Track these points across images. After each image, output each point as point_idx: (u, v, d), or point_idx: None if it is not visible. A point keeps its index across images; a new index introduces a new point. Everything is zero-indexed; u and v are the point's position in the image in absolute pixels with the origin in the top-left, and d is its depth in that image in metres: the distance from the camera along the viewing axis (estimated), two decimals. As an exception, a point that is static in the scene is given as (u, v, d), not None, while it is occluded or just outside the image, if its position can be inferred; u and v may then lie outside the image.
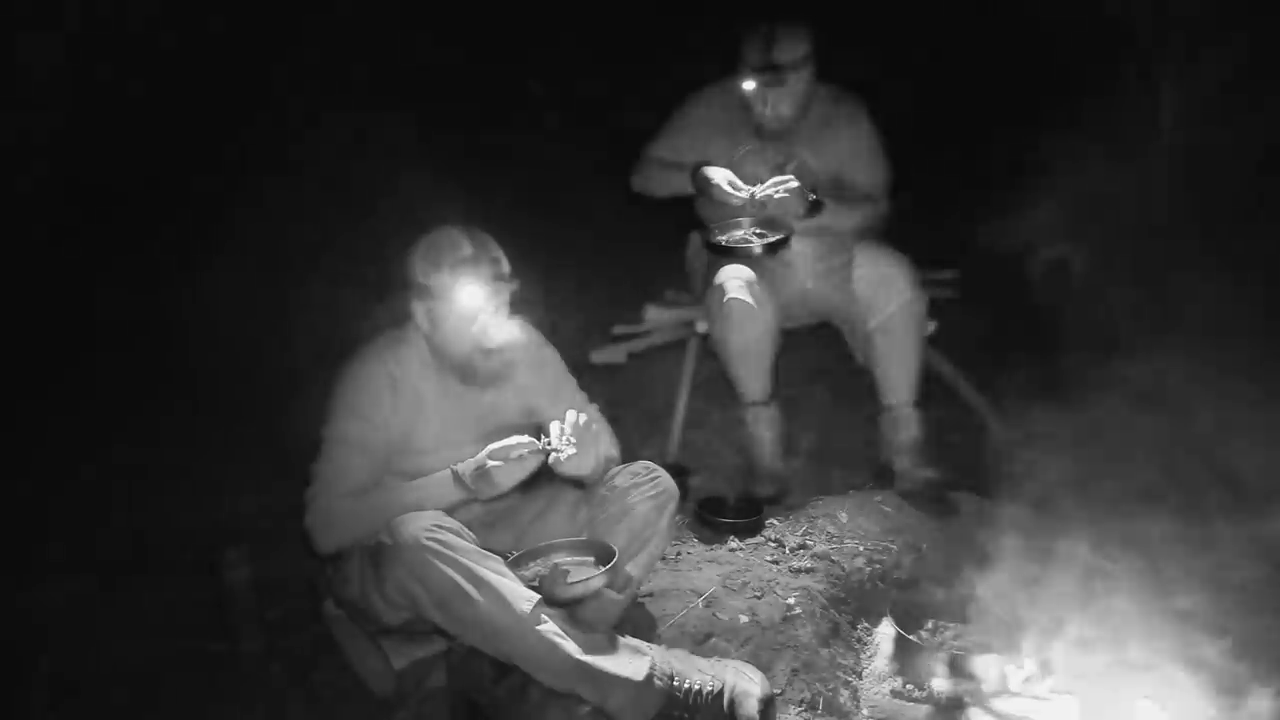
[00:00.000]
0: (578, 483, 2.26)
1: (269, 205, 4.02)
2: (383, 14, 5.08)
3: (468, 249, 2.13)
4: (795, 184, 2.86)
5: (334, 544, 2.11)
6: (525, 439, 2.10)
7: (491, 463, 2.05)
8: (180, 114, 4.55)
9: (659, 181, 3.13)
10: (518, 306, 2.27)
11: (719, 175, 2.93)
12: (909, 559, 2.72)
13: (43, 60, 4.02)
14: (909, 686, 2.21)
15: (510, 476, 2.06)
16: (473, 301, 2.12)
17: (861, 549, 2.72)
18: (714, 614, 2.36)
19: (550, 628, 1.93)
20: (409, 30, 5.19)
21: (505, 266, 2.18)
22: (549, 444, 2.10)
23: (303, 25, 4.78)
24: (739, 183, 2.92)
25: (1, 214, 3.93)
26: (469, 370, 2.21)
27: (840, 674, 2.26)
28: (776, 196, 2.86)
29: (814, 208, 2.93)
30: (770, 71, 2.90)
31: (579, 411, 2.18)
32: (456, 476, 2.09)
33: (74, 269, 4.15)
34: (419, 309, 2.18)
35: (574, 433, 2.11)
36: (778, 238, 2.97)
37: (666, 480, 2.29)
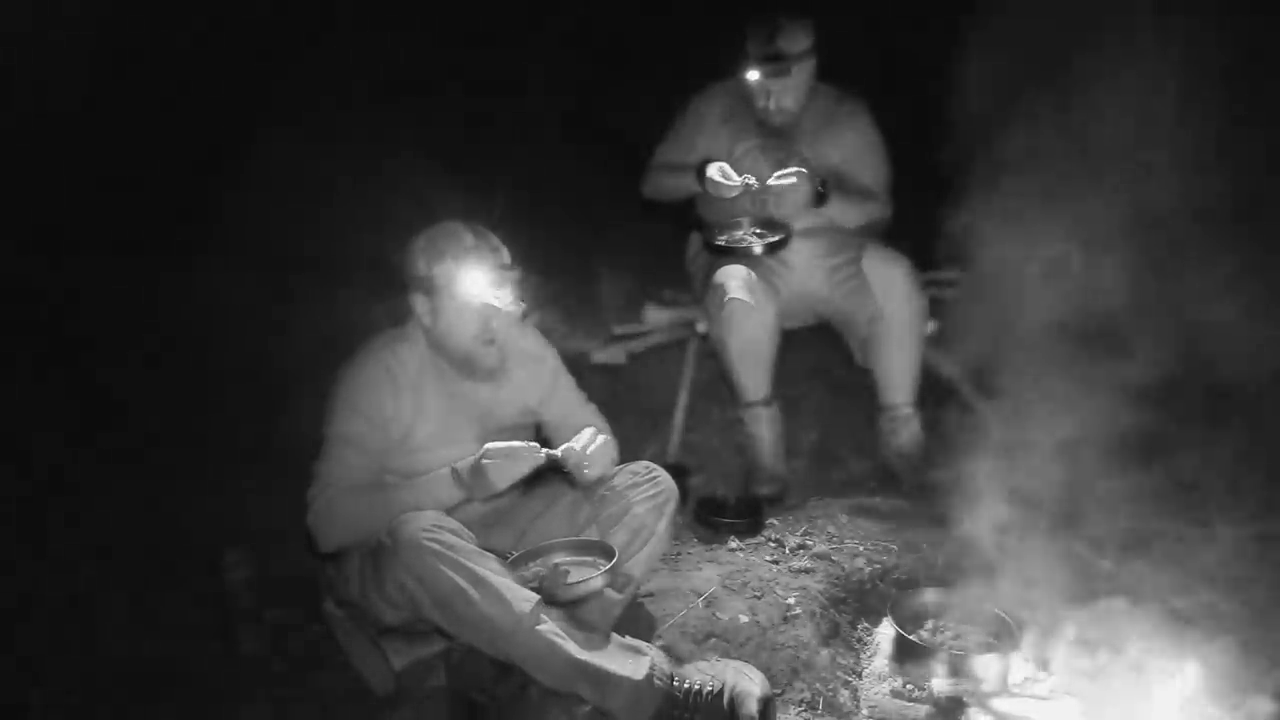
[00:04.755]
0: (572, 481, 2.27)
1: (268, 204, 4.01)
2: (381, 12, 5.08)
3: (470, 239, 2.15)
4: (801, 173, 2.88)
5: (335, 543, 2.11)
6: (526, 443, 2.10)
7: (487, 460, 2.05)
8: (178, 114, 4.55)
9: (668, 186, 3.14)
10: (517, 306, 2.27)
11: (713, 168, 2.94)
12: (909, 559, 2.72)
13: (42, 60, 4.02)
14: (909, 686, 2.21)
15: (505, 476, 2.06)
16: (477, 289, 2.13)
17: (861, 549, 2.72)
18: (714, 614, 2.36)
19: (550, 628, 1.93)
20: (408, 28, 5.18)
21: (506, 257, 2.19)
22: (556, 452, 2.11)
23: (301, 24, 4.78)
24: (731, 171, 2.93)
25: (1, 212, 3.93)
26: (470, 363, 2.21)
27: (840, 674, 2.26)
28: (778, 186, 2.87)
29: (819, 198, 2.94)
30: (774, 61, 2.91)
31: (595, 430, 2.20)
32: (456, 475, 2.09)
33: (73, 268, 4.15)
34: (421, 302, 2.18)
35: (590, 452, 2.13)
36: (778, 238, 2.98)
37: (666, 480, 2.29)
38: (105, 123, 4.32)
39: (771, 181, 2.89)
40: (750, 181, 2.90)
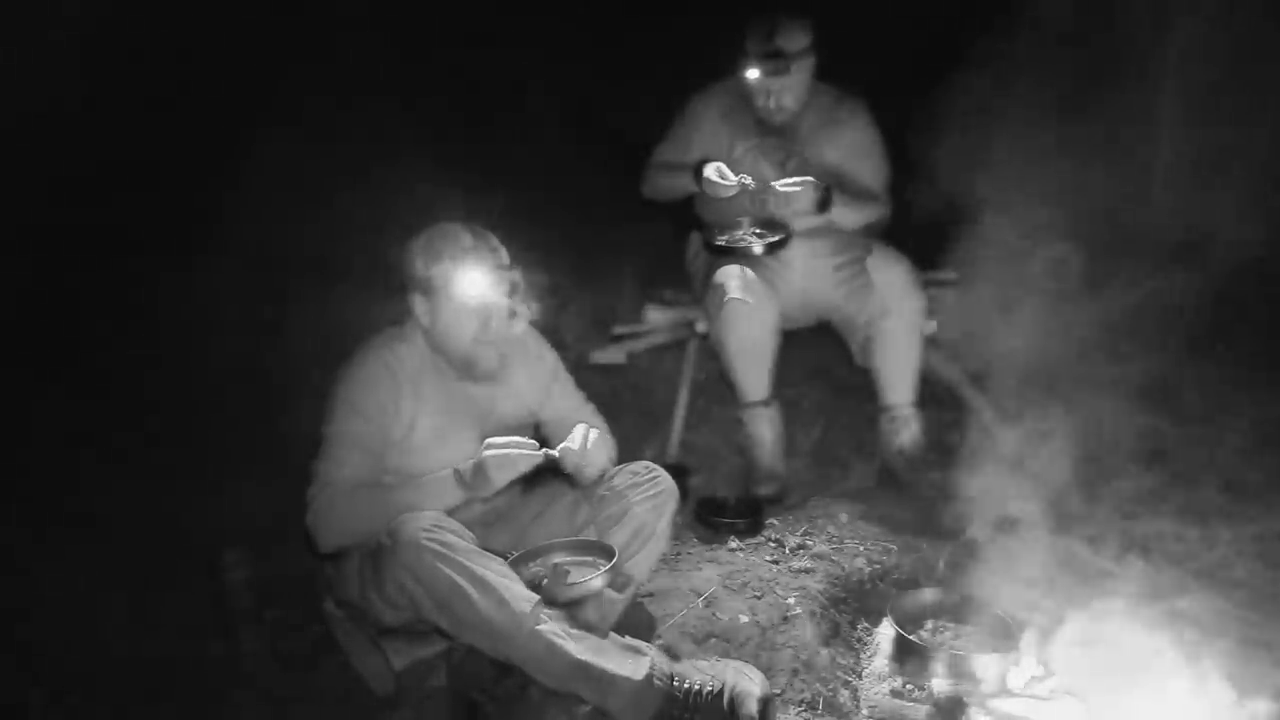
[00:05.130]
0: (572, 481, 2.27)
1: (267, 203, 4.01)
2: (382, 11, 5.08)
3: (468, 240, 2.15)
4: (807, 180, 2.88)
5: (335, 543, 2.11)
6: (526, 439, 2.10)
7: (488, 453, 2.05)
8: (178, 113, 4.55)
9: (666, 186, 3.14)
10: (516, 306, 2.27)
11: (709, 168, 2.94)
12: (909, 559, 2.72)
13: (41, 59, 4.02)
14: (909, 686, 2.21)
15: (504, 473, 2.06)
16: (475, 290, 2.13)
17: (861, 549, 2.73)
18: (714, 614, 2.36)
19: (550, 628, 1.93)
20: (409, 28, 5.18)
21: (505, 257, 2.19)
22: (551, 452, 2.11)
23: (300, 23, 4.78)
24: (727, 171, 2.93)
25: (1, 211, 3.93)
26: (469, 364, 2.21)
27: (840, 674, 2.26)
28: (783, 190, 2.87)
29: (824, 203, 2.94)
30: (773, 59, 2.91)
31: (587, 426, 2.20)
32: (459, 475, 2.09)
33: (72, 267, 4.15)
34: (419, 303, 2.18)
35: (586, 448, 2.14)
36: (778, 238, 2.98)
37: (666, 480, 2.29)
38: (105, 122, 4.32)
39: (777, 186, 2.89)
40: (747, 182, 2.90)
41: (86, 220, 4.31)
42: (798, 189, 2.88)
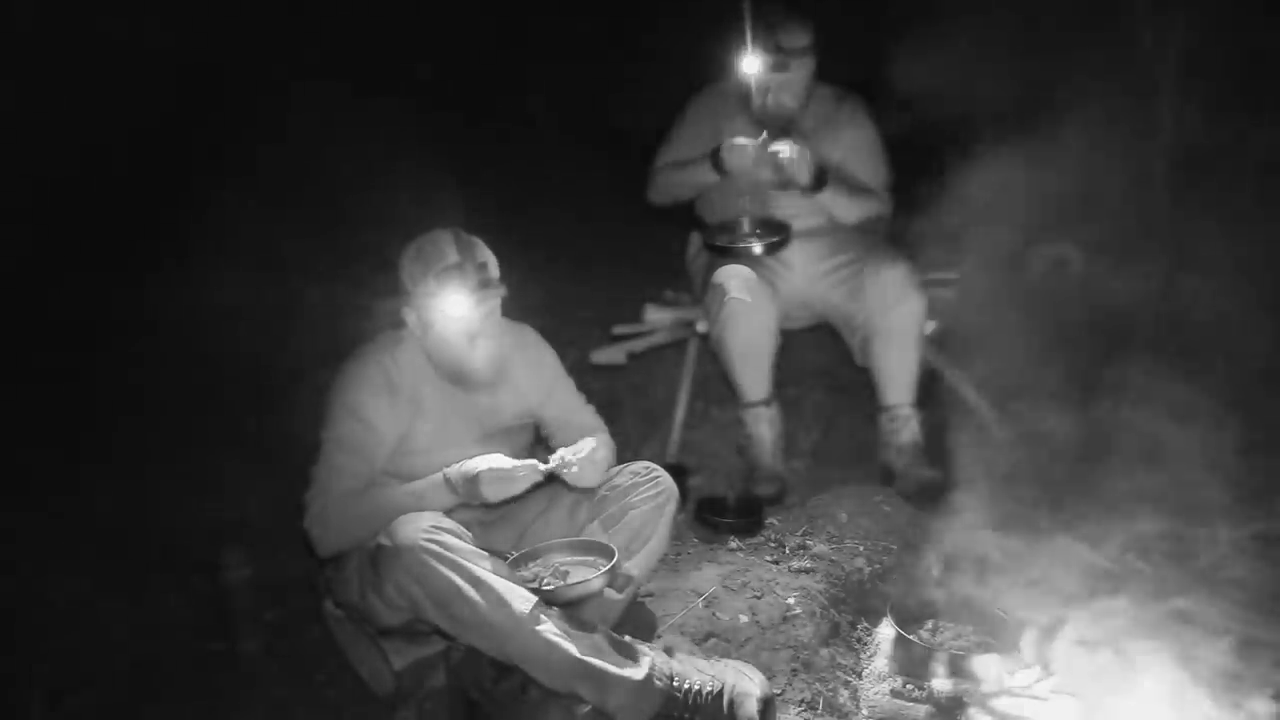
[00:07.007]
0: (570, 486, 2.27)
1: (268, 205, 4.01)
2: (380, 12, 5.08)
3: (453, 256, 2.11)
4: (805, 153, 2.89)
5: (333, 546, 2.11)
6: (527, 463, 2.10)
7: (484, 486, 2.05)
8: (178, 113, 4.55)
9: (676, 186, 3.13)
10: (516, 308, 2.27)
11: (728, 141, 2.92)
12: (909, 559, 2.72)
13: (42, 58, 4.03)
14: (909, 686, 2.21)
15: (500, 493, 2.07)
16: (458, 310, 2.11)
17: (861, 549, 2.72)
18: (714, 614, 2.36)
19: (549, 628, 1.93)
20: (408, 28, 5.19)
21: (493, 271, 2.16)
22: (551, 465, 2.11)
23: (301, 23, 4.78)
24: (743, 139, 2.92)
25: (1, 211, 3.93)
26: (462, 375, 2.21)
27: (840, 674, 2.26)
28: (785, 155, 2.86)
29: (819, 181, 2.94)
30: (775, 55, 2.91)
31: (592, 441, 2.21)
32: (447, 480, 2.09)
33: (74, 268, 4.15)
34: (410, 316, 2.18)
35: (580, 459, 2.14)
36: (778, 238, 2.98)
37: (666, 480, 2.29)
38: (106, 121, 4.32)
39: (773, 146, 2.88)
40: (769, 141, 2.88)
41: (88, 219, 4.32)
42: (794, 155, 2.87)
